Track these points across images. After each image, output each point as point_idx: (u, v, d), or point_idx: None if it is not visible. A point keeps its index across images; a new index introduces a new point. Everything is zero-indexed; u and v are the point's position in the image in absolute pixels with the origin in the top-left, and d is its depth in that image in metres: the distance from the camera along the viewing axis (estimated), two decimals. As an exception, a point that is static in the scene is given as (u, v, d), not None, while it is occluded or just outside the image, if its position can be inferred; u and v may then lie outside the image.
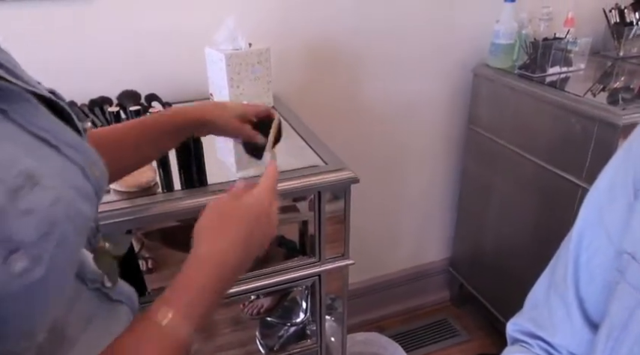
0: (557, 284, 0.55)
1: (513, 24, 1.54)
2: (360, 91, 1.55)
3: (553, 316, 0.55)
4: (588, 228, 0.52)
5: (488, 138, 1.63)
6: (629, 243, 0.45)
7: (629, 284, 0.44)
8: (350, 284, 1.76)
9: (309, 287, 1.14)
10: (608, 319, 0.47)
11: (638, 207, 0.45)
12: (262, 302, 1.28)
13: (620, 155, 0.50)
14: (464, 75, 1.67)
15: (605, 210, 0.50)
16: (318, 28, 1.42)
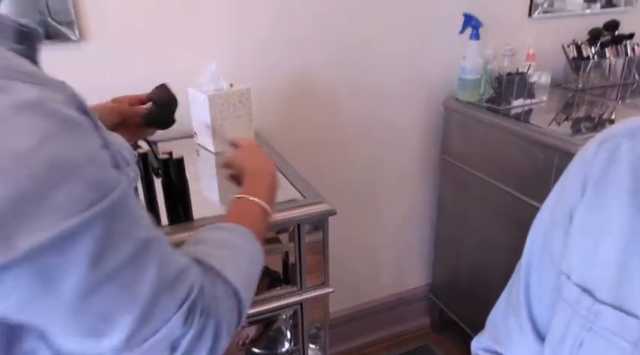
0: (513, 304, 0.61)
1: (479, 60, 1.64)
2: (337, 126, 1.63)
3: (509, 333, 0.61)
4: (535, 253, 0.59)
5: (460, 168, 1.71)
6: (565, 264, 0.52)
7: (564, 301, 0.50)
8: (333, 312, 1.81)
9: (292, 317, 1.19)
10: (550, 333, 0.53)
11: (572, 231, 0.52)
12: (247, 333, 1.32)
13: (557, 188, 0.57)
14: (435, 108, 1.76)
15: (548, 235, 0.57)
16: (295, 68, 1.50)
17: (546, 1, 1.83)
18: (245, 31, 1.40)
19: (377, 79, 1.64)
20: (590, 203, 0.51)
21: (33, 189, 0.37)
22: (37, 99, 0.39)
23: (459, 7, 1.64)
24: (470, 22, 1.63)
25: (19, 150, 0.37)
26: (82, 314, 0.42)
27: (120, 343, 0.45)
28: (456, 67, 1.68)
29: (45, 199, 0.38)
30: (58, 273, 0.39)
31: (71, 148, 0.40)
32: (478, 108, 1.63)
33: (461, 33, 1.65)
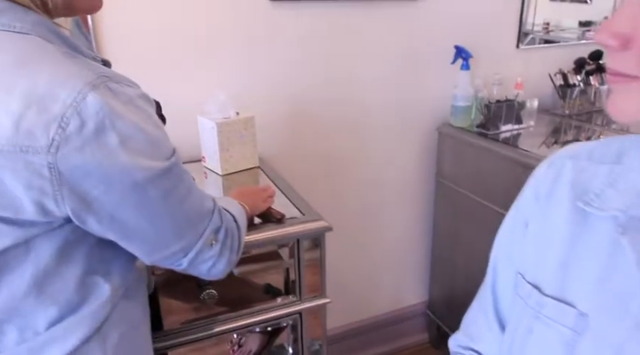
0: (483, 302, 0.70)
1: (469, 89, 1.75)
2: (338, 149, 1.74)
3: (480, 328, 0.70)
4: (500, 257, 0.68)
5: (454, 189, 1.81)
6: (522, 265, 0.61)
7: (519, 296, 0.59)
8: (333, 328, 1.89)
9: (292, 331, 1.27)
10: (508, 324, 0.62)
11: (527, 237, 0.61)
12: (250, 348, 1.40)
13: (517, 200, 0.67)
14: (430, 133, 1.87)
15: (509, 241, 0.66)
16: (296, 96, 1.61)
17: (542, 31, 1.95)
18: (250, 64, 1.52)
19: (375, 107, 1.75)
20: (541, 213, 0.60)
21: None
22: (142, 92, 0.68)
23: (450, 39, 1.76)
24: (460, 54, 1.74)
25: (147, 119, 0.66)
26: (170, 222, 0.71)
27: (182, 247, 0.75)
28: (449, 96, 1.79)
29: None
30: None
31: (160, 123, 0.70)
32: (469, 133, 1.73)
33: (452, 63, 1.77)
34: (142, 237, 0.70)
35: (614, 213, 0.51)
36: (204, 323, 1.07)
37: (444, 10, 1.74)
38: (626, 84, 0.42)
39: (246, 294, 1.20)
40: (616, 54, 0.41)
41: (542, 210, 0.60)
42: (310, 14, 1.56)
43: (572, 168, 0.59)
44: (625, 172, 0.53)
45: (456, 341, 0.74)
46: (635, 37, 0.40)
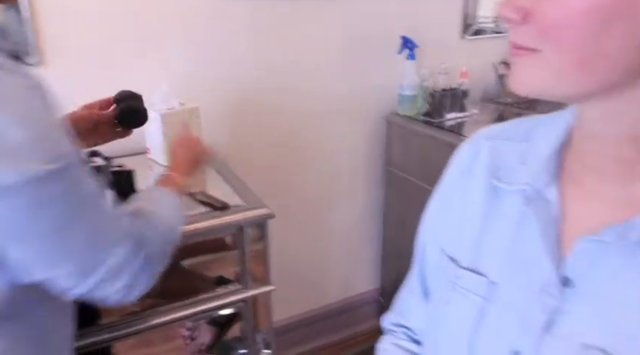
0: (411, 282, 0.73)
1: (415, 78, 1.79)
2: (286, 138, 1.74)
3: (409, 306, 0.72)
4: (427, 235, 0.70)
5: (402, 177, 1.84)
6: (443, 240, 0.64)
7: (440, 269, 0.62)
8: (286, 318, 1.90)
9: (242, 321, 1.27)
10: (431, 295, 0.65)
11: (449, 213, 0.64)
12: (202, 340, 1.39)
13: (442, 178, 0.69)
14: (379, 122, 1.90)
15: (435, 218, 0.68)
16: (243, 86, 1.61)
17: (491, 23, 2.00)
18: (194, 53, 1.51)
19: (323, 96, 1.76)
20: (461, 190, 0.63)
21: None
22: (34, 83, 0.62)
23: (398, 29, 1.79)
24: (406, 44, 1.78)
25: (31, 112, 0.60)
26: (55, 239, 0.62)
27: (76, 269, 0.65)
28: (396, 85, 1.82)
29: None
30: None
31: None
32: (416, 121, 1.77)
33: (399, 53, 1.80)
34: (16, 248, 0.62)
35: (521, 187, 0.54)
36: (144, 316, 1.06)
37: (389, 0, 1.77)
38: (527, 57, 0.44)
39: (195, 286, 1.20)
40: (517, 27, 0.43)
41: (463, 187, 0.63)
42: (255, 3, 1.55)
43: (488, 147, 0.62)
44: (531, 149, 0.56)
45: (389, 320, 0.77)
46: (535, 11, 0.41)
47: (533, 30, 0.42)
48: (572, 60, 0.41)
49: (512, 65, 0.46)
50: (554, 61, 0.42)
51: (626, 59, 0.40)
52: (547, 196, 0.52)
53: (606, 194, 0.48)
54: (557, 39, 0.41)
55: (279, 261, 1.68)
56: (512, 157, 0.58)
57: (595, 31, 0.39)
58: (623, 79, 0.41)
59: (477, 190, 0.60)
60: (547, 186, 0.52)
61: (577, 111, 0.50)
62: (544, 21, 0.41)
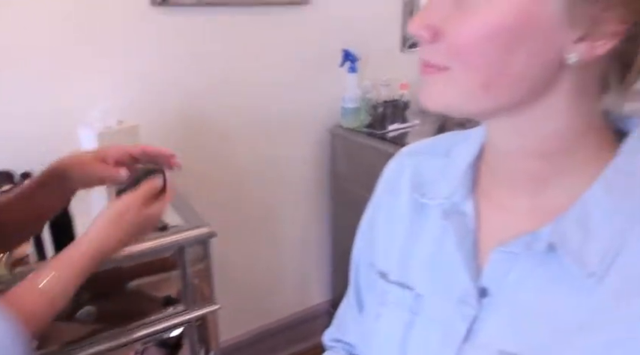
0: (349, 296, 0.74)
1: (357, 91, 1.82)
2: (229, 155, 1.73)
3: (347, 322, 0.73)
4: (360, 252, 0.72)
5: (348, 188, 1.87)
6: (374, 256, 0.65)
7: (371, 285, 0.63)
8: (237, 336, 1.88)
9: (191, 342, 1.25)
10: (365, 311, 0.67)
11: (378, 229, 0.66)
12: (152, 362, 1.36)
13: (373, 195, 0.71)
14: (323, 134, 1.92)
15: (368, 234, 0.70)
16: (186, 102, 1.59)
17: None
18: (134, 68, 1.48)
19: (265, 110, 1.76)
20: (388, 206, 0.65)
21: None
22: None
23: (339, 43, 1.82)
24: (348, 57, 1.81)
25: None
26: None
27: None
28: (339, 98, 1.85)
29: None
30: None
31: None
32: (359, 133, 1.80)
33: (341, 66, 1.83)
34: None
35: (441, 201, 0.56)
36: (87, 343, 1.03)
37: (331, 14, 1.79)
38: (436, 74, 0.45)
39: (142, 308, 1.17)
40: (427, 45, 0.45)
41: (390, 203, 0.65)
42: (196, 19, 1.54)
43: (412, 163, 0.64)
44: (451, 164, 0.59)
45: (329, 335, 0.78)
46: (444, 30, 0.43)
47: (442, 48, 0.44)
48: (479, 79, 0.43)
49: (422, 82, 0.48)
50: (462, 79, 0.44)
51: (529, 78, 0.43)
52: (463, 209, 0.54)
53: (516, 205, 0.51)
54: (465, 59, 0.42)
55: (227, 278, 1.67)
56: (434, 173, 0.60)
57: (500, 52, 0.41)
58: (527, 97, 0.44)
59: (403, 206, 0.62)
60: (463, 200, 0.54)
61: (486, 127, 0.53)
62: (453, 41, 0.43)
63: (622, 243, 0.43)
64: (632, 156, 0.46)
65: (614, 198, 0.45)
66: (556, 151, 0.47)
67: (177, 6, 1.49)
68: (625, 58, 0.43)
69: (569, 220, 0.45)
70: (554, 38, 0.41)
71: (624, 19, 0.40)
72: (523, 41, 0.41)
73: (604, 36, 0.40)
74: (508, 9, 0.40)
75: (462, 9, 0.42)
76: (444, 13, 0.43)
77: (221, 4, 1.55)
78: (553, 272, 0.46)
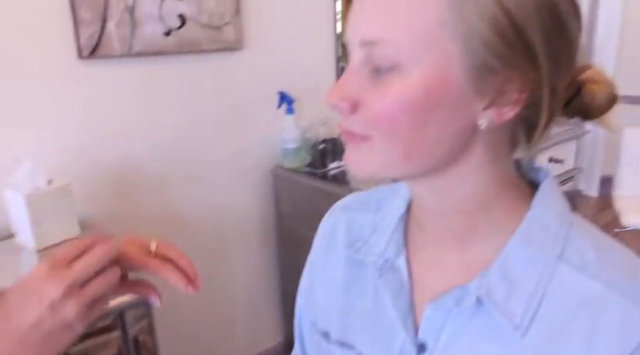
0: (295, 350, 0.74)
1: (296, 131, 1.84)
2: (174, 204, 1.70)
3: None
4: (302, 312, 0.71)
5: (293, 228, 1.87)
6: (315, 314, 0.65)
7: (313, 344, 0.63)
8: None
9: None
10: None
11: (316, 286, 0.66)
12: None
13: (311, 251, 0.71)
14: (266, 175, 1.92)
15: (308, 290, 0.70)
16: (122, 155, 1.55)
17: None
18: (61, 124, 1.43)
19: (205, 157, 1.75)
20: (325, 263, 0.65)
21: None
22: None
23: (276, 85, 1.84)
24: (284, 99, 1.83)
25: None
26: None
27: None
28: (280, 138, 1.86)
29: None
30: None
31: None
32: (300, 173, 1.82)
33: (278, 108, 1.85)
34: None
35: (374, 258, 0.57)
36: None
37: (266, 58, 1.82)
38: (358, 143, 0.47)
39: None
40: (347, 115, 0.47)
41: (327, 260, 0.65)
42: (127, 71, 1.52)
43: (346, 219, 0.65)
44: (382, 219, 0.60)
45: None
46: (362, 101, 0.45)
47: (361, 119, 0.46)
48: (400, 148, 0.45)
49: (346, 149, 0.49)
50: (384, 149, 0.45)
51: (446, 144, 0.45)
52: (397, 266, 0.56)
53: (446, 260, 0.53)
54: (384, 130, 0.45)
55: (173, 329, 1.61)
56: (366, 229, 0.61)
57: (417, 122, 0.43)
58: (444, 161, 0.46)
59: (339, 262, 0.63)
60: (396, 256, 0.56)
61: (409, 187, 0.55)
62: (371, 113, 0.45)
63: (542, 294, 0.46)
64: (545, 209, 0.49)
65: (532, 250, 0.47)
66: (475, 208, 0.49)
67: (106, 58, 1.47)
68: (529, 121, 0.46)
69: (493, 274, 0.48)
70: (464, 107, 0.43)
71: (523, 88, 0.43)
72: (437, 111, 0.43)
73: (509, 103, 0.44)
74: (420, 83, 0.42)
75: (378, 82, 0.44)
76: (361, 84, 0.45)
77: (152, 54, 1.54)
78: (484, 325, 0.48)
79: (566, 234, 0.47)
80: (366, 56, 0.44)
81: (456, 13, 0.41)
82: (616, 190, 2.39)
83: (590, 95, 0.48)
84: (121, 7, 1.44)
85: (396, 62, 0.43)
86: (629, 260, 0.48)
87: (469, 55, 0.41)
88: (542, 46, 0.42)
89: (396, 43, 0.42)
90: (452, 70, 0.42)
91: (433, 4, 0.41)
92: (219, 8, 1.63)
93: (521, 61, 0.42)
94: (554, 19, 0.42)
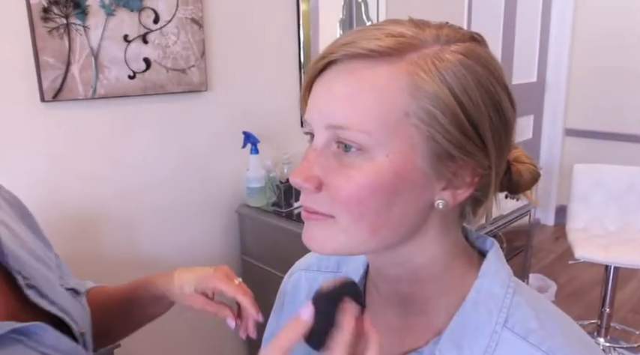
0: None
1: (261, 171, 1.87)
2: (138, 246, 1.68)
3: None
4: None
5: (259, 267, 1.87)
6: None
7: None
8: None
9: None
10: None
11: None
12: None
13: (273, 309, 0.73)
14: (232, 214, 1.93)
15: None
16: (83, 198, 1.54)
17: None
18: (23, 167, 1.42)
19: (170, 197, 1.75)
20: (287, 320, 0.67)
21: None
22: None
23: (241, 125, 1.87)
24: (249, 139, 1.86)
25: None
26: None
27: None
28: (244, 178, 1.88)
29: None
30: None
31: None
32: (266, 212, 1.83)
33: (243, 148, 1.87)
34: None
35: None
36: None
37: (231, 99, 1.86)
38: (321, 221, 0.50)
39: None
40: (311, 195, 0.49)
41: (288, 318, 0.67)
42: (93, 114, 1.53)
43: (306, 278, 0.67)
44: None
45: None
46: (327, 182, 0.48)
47: (326, 198, 0.48)
48: (367, 227, 0.48)
49: (306, 226, 0.52)
50: (352, 228, 0.48)
51: (408, 222, 0.48)
52: None
53: (402, 324, 0.56)
54: (351, 211, 0.47)
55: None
56: None
57: (383, 203, 0.46)
58: (403, 238, 0.50)
59: None
60: None
61: (367, 256, 0.58)
62: (337, 195, 0.47)
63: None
64: (491, 278, 0.53)
65: (480, 317, 0.51)
66: (429, 276, 0.53)
67: (69, 101, 1.47)
68: (478, 199, 0.51)
69: (445, 340, 0.51)
70: (425, 188, 0.47)
71: (475, 172, 0.47)
72: (402, 193, 0.47)
73: (463, 185, 0.48)
74: (387, 167, 0.46)
75: (344, 164, 0.47)
76: (326, 164, 0.48)
77: (116, 96, 1.55)
78: None
79: (510, 302, 0.51)
80: (332, 137, 0.47)
81: (420, 106, 0.44)
82: (568, 223, 2.49)
83: (518, 173, 0.53)
84: (85, 51, 1.45)
85: (362, 146, 0.45)
86: (567, 327, 0.52)
87: (431, 142, 0.45)
88: (492, 137, 0.46)
89: (363, 129, 0.45)
90: (415, 154, 0.46)
91: (399, 94, 0.44)
92: (185, 52, 1.66)
93: (475, 149, 0.46)
94: (499, 114, 0.47)
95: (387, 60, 0.45)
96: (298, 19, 2.01)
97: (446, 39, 0.46)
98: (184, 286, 0.78)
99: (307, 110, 0.50)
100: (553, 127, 3.88)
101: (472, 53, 0.46)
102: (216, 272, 0.79)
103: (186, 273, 0.80)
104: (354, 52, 0.45)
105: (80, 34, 1.44)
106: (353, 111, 0.45)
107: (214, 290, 0.79)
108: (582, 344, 0.51)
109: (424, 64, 0.44)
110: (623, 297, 2.87)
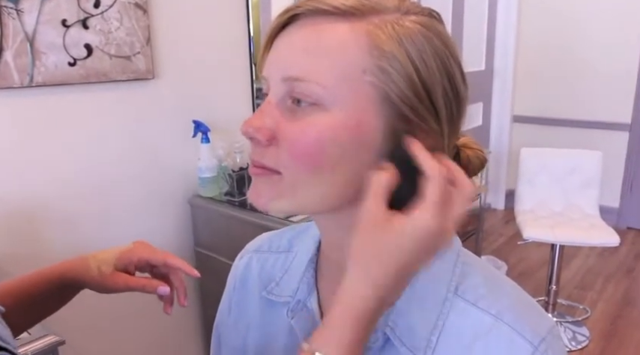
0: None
1: (213, 160, 1.83)
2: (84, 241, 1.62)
3: None
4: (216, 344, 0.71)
5: (212, 257, 1.84)
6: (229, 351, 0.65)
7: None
8: None
9: None
10: None
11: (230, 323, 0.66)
12: None
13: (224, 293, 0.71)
14: (183, 205, 1.88)
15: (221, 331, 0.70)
16: (21, 192, 1.47)
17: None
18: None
19: (120, 189, 1.69)
20: (238, 303, 0.66)
21: None
22: None
23: (191, 114, 1.82)
24: (199, 128, 1.82)
25: None
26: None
27: None
28: (196, 168, 1.84)
29: None
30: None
31: None
32: (219, 202, 1.80)
33: (193, 137, 1.83)
34: None
35: (286, 299, 0.59)
36: None
37: (180, 87, 1.80)
38: (267, 177, 0.48)
39: None
40: (260, 148, 0.48)
41: (241, 300, 0.66)
42: (31, 102, 1.45)
43: (257, 259, 0.66)
44: (293, 259, 0.62)
45: None
46: (280, 135, 0.46)
47: (275, 153, 0.47)
48: (311, 184, 0.46)
49: (253, 181, 0.50)
50: (294, 184, 0.47)
51: (353, 183, 0.47)
52: (309, 306, 0.57)
53: None
54: (301, 165, 0.46)
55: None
56: (278, 270, 0.63)
57: (333, 160, 0.46)
58: (353, 198, 0.48)
59: (254, 303, 0.64)
60: (307, 296, 0.57)
61: (315, 223, 0.57)
62: (290, 147, 0.46)
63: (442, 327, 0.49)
64: None
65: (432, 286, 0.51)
66: None
67: (3, 89, 1.38)
68: None
69: (398, 310, 0.50)
70: (376, 149, 0.46)
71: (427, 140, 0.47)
72: (353, 150, 0.46)
73: None
74: (342, 122, 0.45)
75: (298, 117, 0.46)
76: (280, 117, 0.47)
77: (55, 84, 1.47)
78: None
79: (460, 271, 0.51)
80: (288, 91, 0.46)
81: (376, 64, 0.45)
82: (516, 205, 2.57)
83: (466, 159, 0.53)
84: (20, 37, 1.37)
85: (319, 99, 0.45)
86: (513, 291, 0.53)
87: (386, 102, 0.45)
88: (444, 106, 0.47)
89: (319, 82, 0.44)
90: (370, 112, 0.45)
91: (358, 52, 0.45)
92: (129, 38, 1.60)
93: (427, 115, 0.46)
94: (452, 85, 0.48)
95: (348, 19, 0.46)
96: (247, 3, 1.97)
97: (406, 9, 0.47)
98: (102, 266, 0.74)
99: (265, 66, 0.49)
100: (502, 114, 3.99)
101: (430, 26, 0.47)
102: (137, 244, 0.78)
103: (102, 254, 0.77)
104: (318, 8, 0.46)
105: (13, 18, 1.36)
106: (311, 64, 0.45)
107: (139, 262, 0.75)
108: (527, 304, 0.52)
109: (384, 27, 0.45)
110: (569, 275, 2.99)
